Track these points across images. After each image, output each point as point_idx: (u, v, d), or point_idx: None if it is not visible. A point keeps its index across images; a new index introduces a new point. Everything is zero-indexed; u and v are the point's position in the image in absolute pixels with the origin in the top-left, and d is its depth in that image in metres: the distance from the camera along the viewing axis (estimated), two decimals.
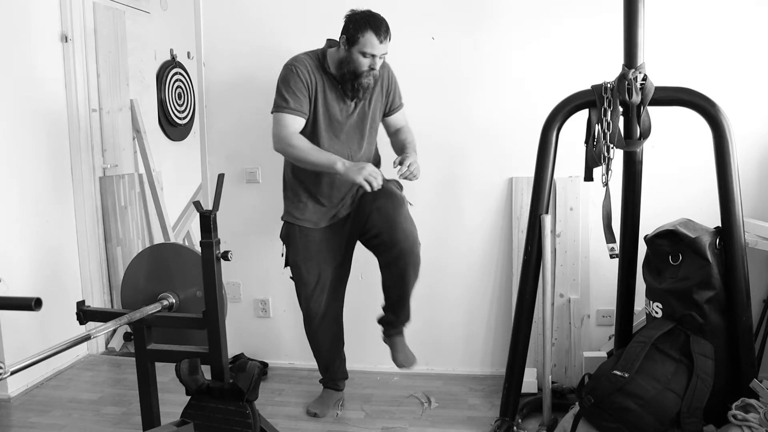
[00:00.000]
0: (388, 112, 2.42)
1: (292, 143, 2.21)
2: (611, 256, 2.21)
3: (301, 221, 2.39)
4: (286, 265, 2.48)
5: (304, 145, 2.21)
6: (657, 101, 2.10)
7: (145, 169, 3.79)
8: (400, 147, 2.40)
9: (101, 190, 3.35)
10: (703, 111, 2.05)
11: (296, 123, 2.24)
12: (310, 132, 2.28)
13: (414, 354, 2.44)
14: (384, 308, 2.44)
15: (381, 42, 2.16)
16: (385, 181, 2.33)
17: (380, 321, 2.47)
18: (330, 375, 2.61)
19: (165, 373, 2.43)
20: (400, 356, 2.42)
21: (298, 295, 2.47)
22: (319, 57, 2.28)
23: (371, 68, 2.20)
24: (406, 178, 2.21)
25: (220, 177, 1.89)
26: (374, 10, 2.74)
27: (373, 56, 2.18)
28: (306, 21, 2.80)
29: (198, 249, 1.84)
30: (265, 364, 2.98)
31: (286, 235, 2.45)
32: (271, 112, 2.27)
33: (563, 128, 2.20)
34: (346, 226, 2.42)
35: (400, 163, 2.20)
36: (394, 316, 2.41)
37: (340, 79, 2.24)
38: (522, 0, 2.65)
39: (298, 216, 2.39)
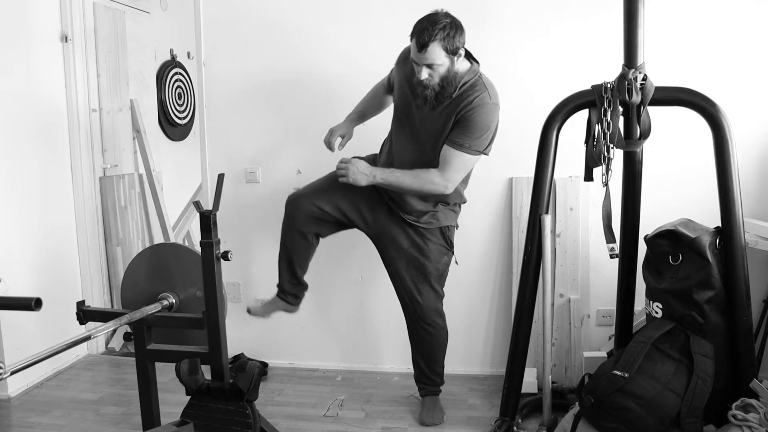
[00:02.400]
0: (446, 142, 2.14)
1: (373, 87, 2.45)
2: (611, 256, 2.21)
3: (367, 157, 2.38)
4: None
5: (370, 91, 2.46)
6: (657, 101, 2.09)
7: (145, 169, 3.79)
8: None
9: (101, 190, 3.35)
10: (703, 111, 2.05)
11: (383, 84, 2.42)
12: (393, 120, 2.34)
13: (444, 413, 2.46)
14: (412, 361, 2.52)
15: (421, 52, 1.98)
16: (436, 233, 2.33)
17: (414, 377, 2.55)
18: (281, 284, 2.51)
19: (165, 373, 2.43)
20: (424, 414, 2.44)
21: (301, 189, 2.45)
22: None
23: (419, 77, 2.04)
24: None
25: (220, 177, 1.89)
26: (374, 10, 2.76)
27: (416, 64, 2.04)
28: (306, 21, 2.80)
29: (198, 249, 1.84)
30: (265, 364, 2.98)
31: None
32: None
33: (563, 128, 2.20)
34: (380, 213, 2.34)
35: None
36: (419, 372, 2.50)
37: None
38: (522, 0, 2.64)
39: (372, 163, 2.32)
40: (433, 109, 2.13)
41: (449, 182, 2.14)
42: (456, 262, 2.46)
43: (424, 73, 2.04)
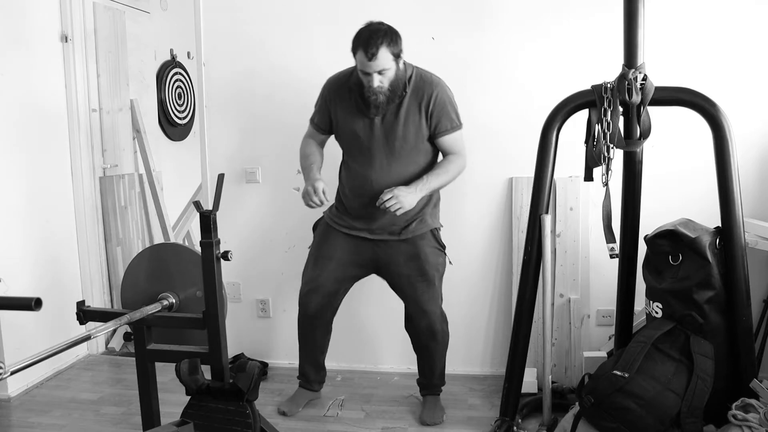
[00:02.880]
0: (433, 135, 2.26)
1: (301, 146, 2.42)
2: (611, 256, 2.21)
3: (331, 217, 2.41)
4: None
5: (301, 150, 2.41)
6: (657, 101, 2.09)
7: (145, 169, 3.79)
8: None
9: (101, 190, 3.35)
10: (703, 111, 2.05)
11: (312, 132, 2.42)
12: (343, 145, 2.37)
13: (444, 412, 2.47)
14: (417, 368, 2.53)
15: (370, 59, 2.07)
16: (427, 238, 2.34)
17: (417, 380, 2.56)
18: (305, 376, 2.59)
19: (165, 373, 2.43)
20: (425, 414, 2.44)
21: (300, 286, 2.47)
22: (348, 74, 2.29)
23: (369, 85, 2.13)
24: (385, 209, 2.15)
25: (220, 177, 1.89)
26: (373, 10, 2.75)
27: (367, 74, 2.11)
28: (306, 21, 2.80)
29: (198, 249, 1.84)
30: (265, 364, 2.98)
31: (315, 226, 2.49)
32: None
33: (563, 128, 2.20)
34: (368, 251, 2.37)
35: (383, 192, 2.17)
36: (424, 379, 2.51)
37: (357, 95, 2.23)
38: (522, 0, 2.64)
39: (331, 214, 2.42)
40: (395, 116, 2.21)
41: (465, 156, 2.33)
42: (450, 262, 2.45)
43: (376, 81, 2.12)
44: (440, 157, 2.35)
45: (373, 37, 2.08)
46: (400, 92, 2.19)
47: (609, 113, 2.09)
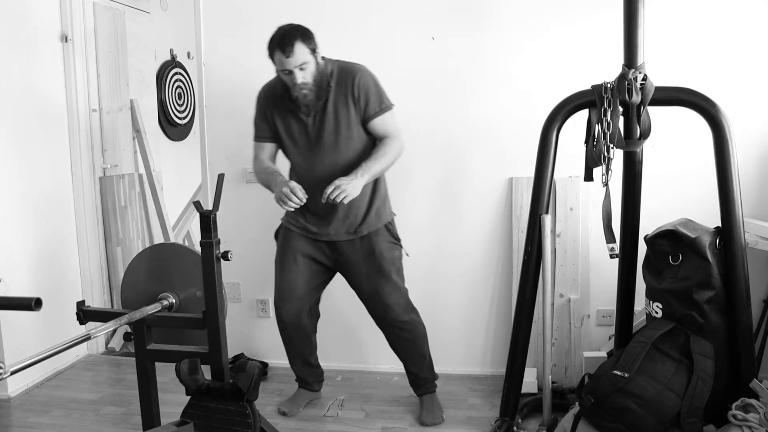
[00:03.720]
0: (364, 120, 2.27)
1: (254, 169, 2.39)
2: (611, 256, 2.21)
3: (289, 222, 2.41)
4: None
5: (256, 170, 2.37)
6: (657, 101, 2.09)
7: (145, 169, 3.79)
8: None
9: (101, 190, 3.35)
10: (703, 111, 2.05)
11: (261, 149, 2.37)
12: (285, 153, 2.38)
13: (443, 410, 2.46)
14: (403, 367, 2.52)
15: (288, 56, 2.10)
16: (381, 233, 2.34)
17: (409, 381, 2.54)
18: (300, 378, 2.61)
19: (165, 373, 2.43)
20: (424, 414, 2.44)
21: (274, 296, 2.48)
22: (274, 81, 2.31)
23: (293, 83, 2.15)
24: (332, 202, 2.11)
25: (220, 177, 1.89)
26: (372, 10, 2.76)
27: (289, 72, 2.13)
28: (306, 21, 2.79)
29: (198, 249, 1.84)
30: (265, 364, 2.98)
31: (276, 233, 2.51)
32: None
33: (563, 128, 2.20)
34: (328, 252, 2.39)
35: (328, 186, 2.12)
36: (413, 377, 2.50)
37: (286, 98, 2.25)
38: (522, 0, 2.65)
39: (288, 217, 2.42)
40: (323, 111, 2.24)
41: (400, 139, 2.31)
42: (407, 254, 2.44)
43: (299, 77, 2.14)
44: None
45: (287, 35, 2.12)
46: (325, 87, 2.22)
47: (609, 113, 2.09)
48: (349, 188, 2.11)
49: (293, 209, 2.17)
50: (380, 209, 2.36)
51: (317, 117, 2.26)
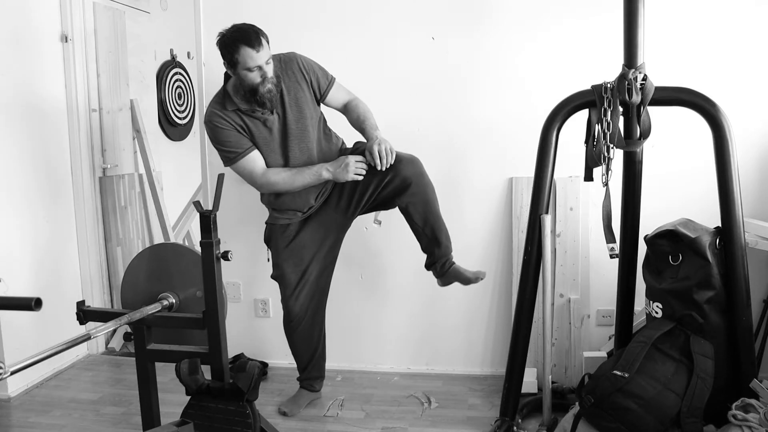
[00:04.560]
0: (321, 96, 2.34)
1: (271, 181, 2.28)
2: (611, 256, 2.21)
3: (278, 219, 2.40)
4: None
5: (282, 176, 2.27)
6: (657, 101, 2.09)
7: (145, 169, 3.79)
8: (357, 124, 2.34)
9: (101, 190, 3.35)
10: (703, 111, 2.05)
11: (254, 161, 2.28)
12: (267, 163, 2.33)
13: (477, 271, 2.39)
14: (426, 250, 2.41)
15: (258, 51, 2.09)
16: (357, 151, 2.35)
17: (429, 265, 2.43)
18: (306, 375, 2.60)
19: (165, 373, 2.43)
20: (469, 274, 2.35)
21: (281, 295, 2.46)
22: (221, 98, 2.26)
23: (263, 77, 2.14)
24: (386, 165, 2.17)
25: (220, 177, 1.89)
26: (372, 10, 2.76)
27: (258, 68, 2.12)
28: (306, 21, 2.80)
29: (198, 249, 1.84)
30: (265, 364, 2.98)
31: (268, 238, 2.47)
32: (226, 166, 2.31)
33: (563, 128, 2.20)
34: (330, 212, 2.39)
35: (371, 154, 2.18)
36: (437, 248, 2.38)
37: (245, 102, 2.21)
38: (522, 0, 2.65)
39: (277, 214, 2.40)
40: (281, 104, 2.24)
41: (356, 95, 2.41)
42: (378, 222, 2.46)
43: (270, 70, 2.16)
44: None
45: (250, 31, 2.12)
46: (278, 81, 2.23)
47: (609, 113, 2.09)
48: (384, 140, 2.20)
49: (362, 175, 2.24)
50: (344, 143, 2.45)
51: (278, 112, 2.27)
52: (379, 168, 2.19)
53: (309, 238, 2.40)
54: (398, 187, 2.27)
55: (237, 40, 2.11)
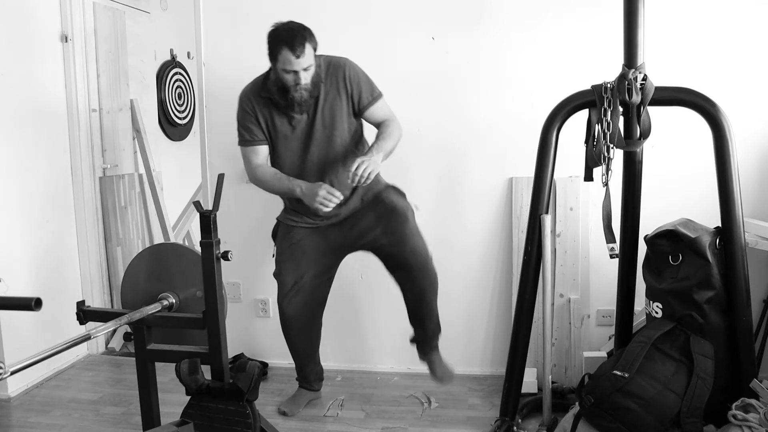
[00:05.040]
0: (359, 111, 2.30)
1: (257, 177, 2.33)
2: (611, 256, 2.21)
3: (288, 218, 2.40)
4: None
5: (267, 178, 2.31)
6: (657, 101, 2.09)
7: (145, 169, 3.79)
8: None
9: (101, 190, 3.35)
10: (703, 111, 2.05)
11: (256, 153, 2.32)
12: (274, 154, 2.35)
13: (452, 367, 2.46)
14: (412, 325, 2.47)
15: (297, 57, 2.07)
16: (387, 189, 2.35)
17: (412, 340, 2.50)
18: (303, 375, 2.60)
19: (165, 373, 2.43)
20: (438, 372, 2.42)
21: (277, 294, 2.45)
22: (259, 82, 2.28)
23: (296, 83, 2.13)
24: (356, 183, 2.10)
25: (220, 177, 1.89)
26: (373, 10, 2.76)
27: (294, 72, 2.11)
28: (306, 21, 2.79)
29: (198, 249, 1.84)
30: (265, 364, 2.98)
31: (275, 234, 2.48)
32: (237, 144, 2.36)
33: (563, 128, 2.20)
34: (336, 234, 2.37)
35: (350, 167, 2.10)
36: (423, 332, 2.45)
37: (277, 97, 2.21)
38: (522, 0, 2.64)
39: (287, 213, 2.41)
40: (314, 106, 2.22)
41: (397, 120, 2.35)
42: (416, 207, 2.40)
43: (303, 78, 2.13)
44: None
45: (297, 36, 2.09)
46: (317, 83, 2.21)
47: (609, 113, 2.09)
48: (371, 164, 2.11)
49: (329, 209, 2.18)
50: (379, 180, 2.38)
51: (309, 113, 2.25)
52: (348, 182, 2.12)
53: (310, 248, 2.38)
54: (398, 262, 2.33)
55: (282, 41, 2.10)
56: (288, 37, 2.09)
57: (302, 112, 2.24)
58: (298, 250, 2.38)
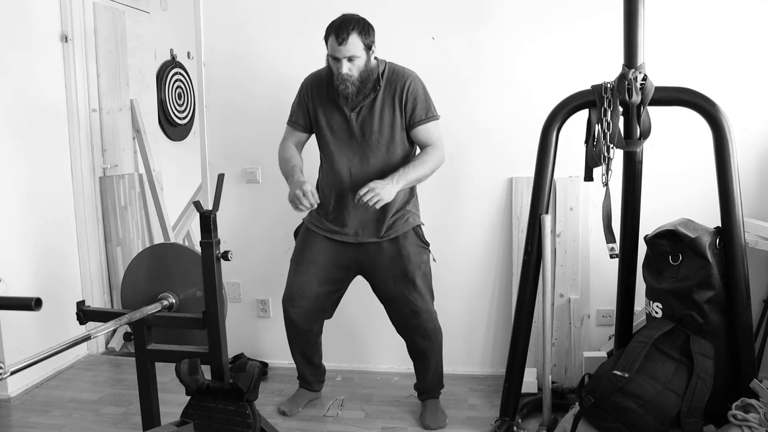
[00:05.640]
0: (409, 126, 2.25)
1: (279, 152, 2.39)
2: (611, 256, 2.21)
3: (311, 222, 2.38)
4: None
5: (280, 155, 2.37)
6: (657, 101, 2.10)
7: (145, 169, 3.79)
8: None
9: (101, 190, 3.35)
10: (703, 111, 2.05)
11: (291, 133, 2.38)
12: (321, 143, 2.35)
13: (446, 415, 2.43)
14: (415, 371, 2.48)
15: (340, 44, 2.09)
16: (409, 236, 2.30)
17: (414, 386, 2.50)
18: (303, 377, 2.60)
19: (165, 373, 2.43)
20: (428, 419, 2.40)
21: (283, 293, 2.45)
22: (325, 71, 2.28)
23: (339, 71, 2.13)
24: (363, 205, 2.10)
25: (220, 177, 1.89)
26: (374, 10, 2.75)
27: (337, 59, 2.12)
28: (306, 21, 2.80)
29: (198, 249, 1.84)
30: (265, 364, 2.98)
31: (296, 233, 2.47)
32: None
33: (563, 128, 2.20)
34: (351, 254, 2.34)
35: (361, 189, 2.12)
36: (423, 383, 2.45)
37: (326, 85, 2.24)
38: (522, 0, 2.65)
39: (311, 217, 2.38)
40: (370, 110, 2.21)
41: (444, 148, 2.30)
42: (434, 260, 2.41)
43: (345, 67, 2.12)
44: (418, 150, 2.34)
45: (345, 24, 2.11)
46: (372, 85, 2.19)
47: (609, 113, 2.09)
48: (383, 192, 2.08)
49: (302, 211, 2.18)
50: (411, 214, 2.33)
51: (362, 113, 2.23)
52: (354, 201, 2.14)
53: (322, 257, 2.35)
54: (399, 319, 2.37)
55: (331, 27, 2.14)
56: (337, 24, 2.12)
57: (351, 107, 2.21)
58: (311, 256, 2.35)
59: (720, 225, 2.09)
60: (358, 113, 2.23)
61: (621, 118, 2.12)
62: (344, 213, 2.30)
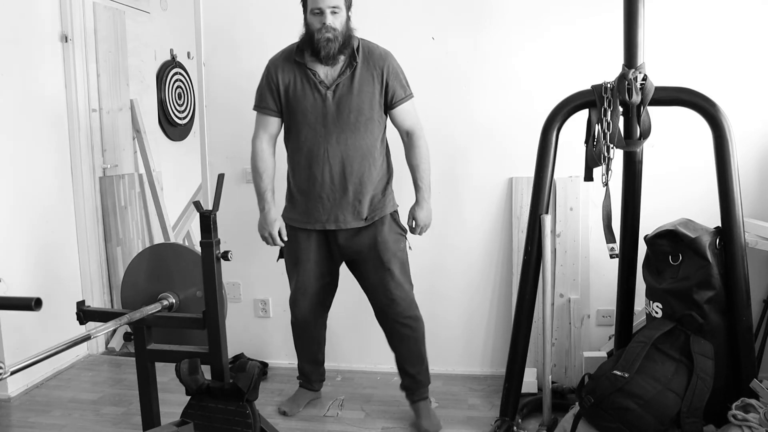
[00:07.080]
0: (391, 104, 2.22)
1: (252, 149, 2.33)
2: (611, 256, 2.21)
3: (290, 219, 2.36)
4: (279, 257, 2.46)
5: (252, 161, 2.32)
6: (657, 101, 2.10)
7: (145, 169, 3.79)
8: (411, 166, 2.29)
9: (101, 190, 3.35)
10: (703, 111, 2.05)
11: (262, 123, 2.30)
12: (288, 124, 2.27)
13: (439, 419, 2.40)
14: (398, 371, 2.45)
15: None
16: (387, 222, 2.29)
17: (401, 387, 2.47)
18: (305, 375, 2.60)
19: (165, 373, 2.43)
20: (424, 423, 2.35)
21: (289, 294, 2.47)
22: (292, 48, 2.24)
23: (323, 23, 2.07)
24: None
25: (220, 177, 1.89)
26: (374, 11, 2.76)
27: (322, 12, 2.07)
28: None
29: (198, 249, 1.84)
30: (265, 364, 2.98)
31: (281, 254, 2.47)
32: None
33: (563, 128, 2.20)
34: (333, 246, 2.34)
35: (410, 225, 2.33)
36: (409, 380, 2.41)
37: (306, 50, 2.16)
38: (522, 0, 2.65)
39: (289, 213, 2.37)
40: (348, 87, 2.16)
41: (423, 133, 2.32)
42: (410, 248, 2.38)
43: (329, 18, 2.08)
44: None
45: None
46: (350, 48, 2.15)
47: (609, 113, 2.09)
48: (429, 217, 2.33)
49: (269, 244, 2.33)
50: (389, 195, 2.32)
51: (338, 91, 2.17)
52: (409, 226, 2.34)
53: (310, 251, 2.34)
54: (378, 306, 2.39)
55: None
56: None
57: (328, 62, 2.14)
58: (304, 255, 2.35)
59: (720, 225, 2.09)
60: (334, 91, 2.17)
61: (621, 118, 2.12)
62: (322, 196, 2.24)
